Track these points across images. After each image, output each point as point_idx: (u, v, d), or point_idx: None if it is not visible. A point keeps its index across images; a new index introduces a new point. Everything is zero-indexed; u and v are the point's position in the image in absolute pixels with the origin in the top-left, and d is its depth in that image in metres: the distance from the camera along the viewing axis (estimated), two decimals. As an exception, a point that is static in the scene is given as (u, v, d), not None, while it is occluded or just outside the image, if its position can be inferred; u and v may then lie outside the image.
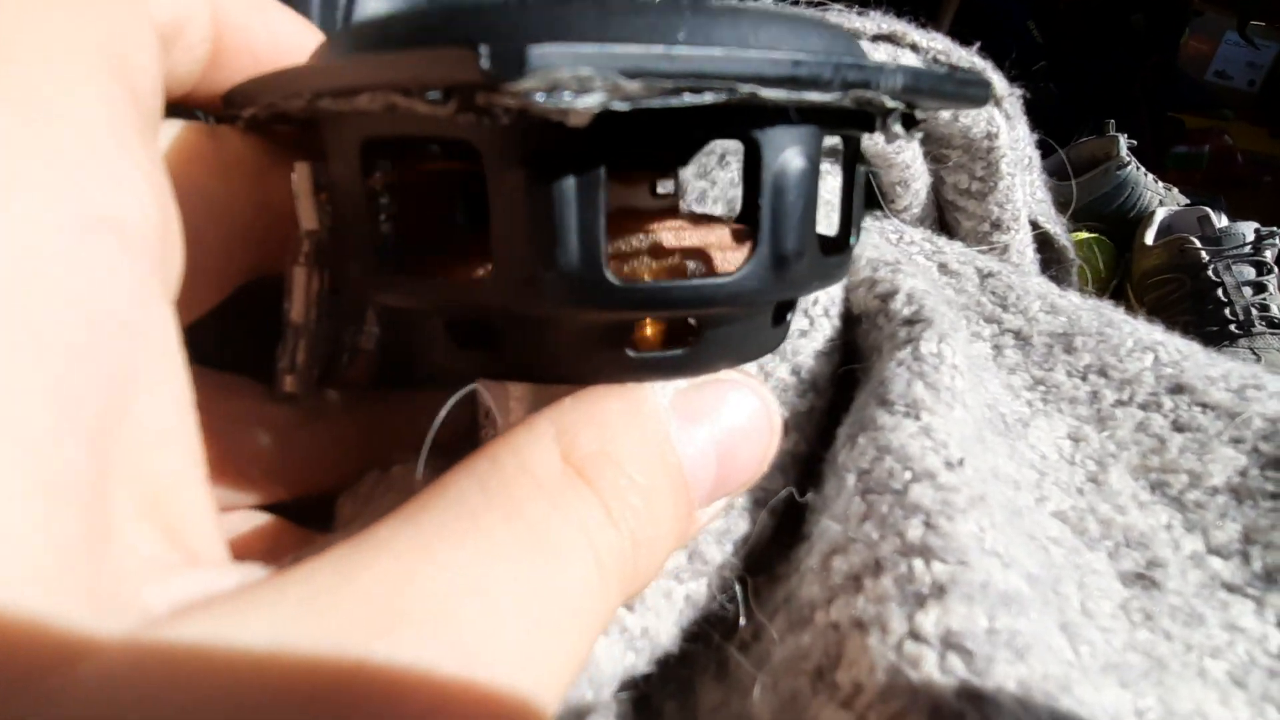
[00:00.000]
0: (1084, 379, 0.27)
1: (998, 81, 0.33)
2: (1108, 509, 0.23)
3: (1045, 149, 1.20)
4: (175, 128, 0.17)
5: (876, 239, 0.32)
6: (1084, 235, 0.98)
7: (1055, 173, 1.16)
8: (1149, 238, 0.97)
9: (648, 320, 0.15)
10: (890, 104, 0.14)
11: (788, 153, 0.14)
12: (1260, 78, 1.39)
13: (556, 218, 0.12)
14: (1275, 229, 0.89)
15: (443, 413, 0.16)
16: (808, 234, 0.14)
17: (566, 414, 0.13)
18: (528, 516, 0.11)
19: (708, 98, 0.11)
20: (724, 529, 0.19)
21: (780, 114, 0.13)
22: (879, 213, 0.35)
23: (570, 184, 0.12)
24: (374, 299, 0.16)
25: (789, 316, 0.17)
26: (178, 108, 0.18)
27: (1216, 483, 0.23)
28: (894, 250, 0.29)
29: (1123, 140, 1.05)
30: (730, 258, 0.15)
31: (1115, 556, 0.21)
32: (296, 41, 0.18)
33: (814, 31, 0.14)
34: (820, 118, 0.14)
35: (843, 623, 0.16)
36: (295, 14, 0.19)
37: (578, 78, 0.10)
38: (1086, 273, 0.98)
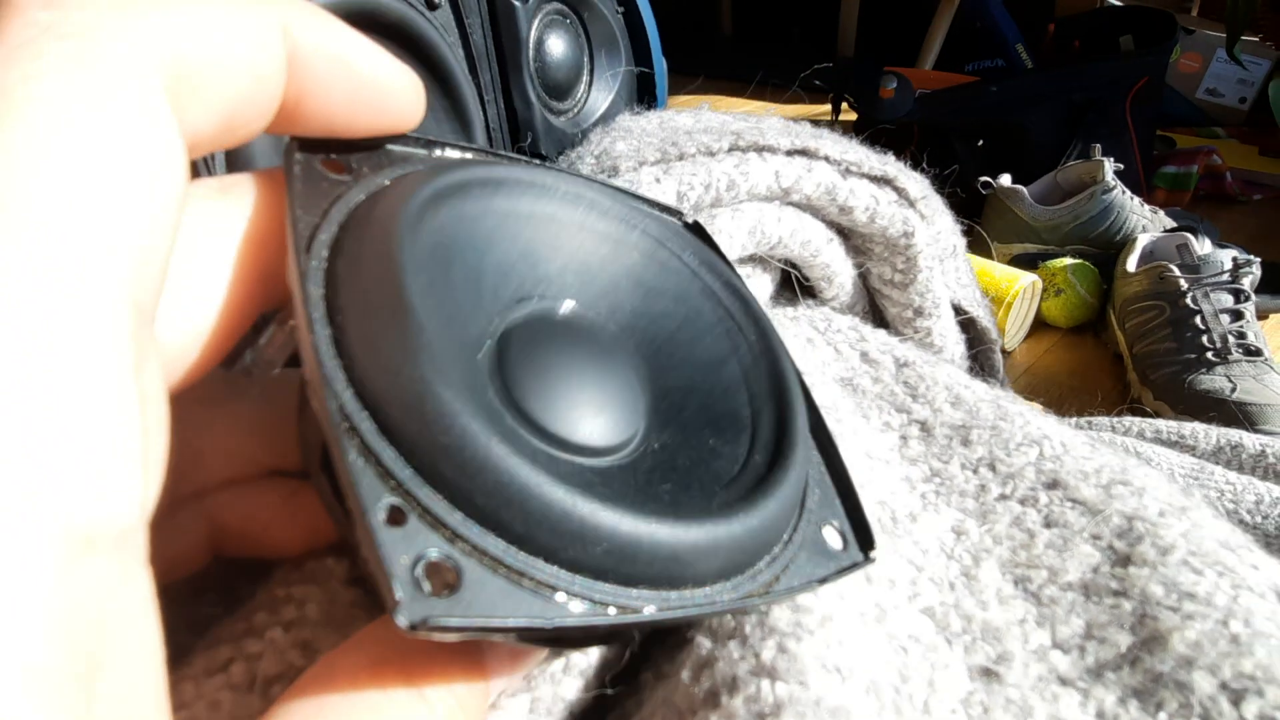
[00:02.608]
0: (975, 471, 0.31)
1: (913, 185, 0.36)
2: (972, 604, 0.26)
3: (1035, 172, 1.21)
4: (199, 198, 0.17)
5: (797, 333, 0.35)
6: (1067, 261, 1.00)
7: (1044, 197, 1.19)
8: (1131, 264, 0.99)
9: None
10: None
11: None
12: (1251, 95, 1.40)
13: None
14: (1253, 257, 0.91)
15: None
16: None
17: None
18: None
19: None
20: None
21: None
22: (810, 302, 0.39)
23: None
24: None
25: None
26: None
27: (1071, 579, 0.26)
28: (806, 352, 0.33)
29: (1108, 164, 1.07)
30: None
31: (970, 650, 0.24)
32: (375, 104, 0.18)
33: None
34: None
35: (699, 734, 0.20)
36: (389, 64, 0.18)
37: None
38: (1071, 299, 1.00)
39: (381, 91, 0.18)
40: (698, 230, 0.25)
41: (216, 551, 0.21)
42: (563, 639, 0.18)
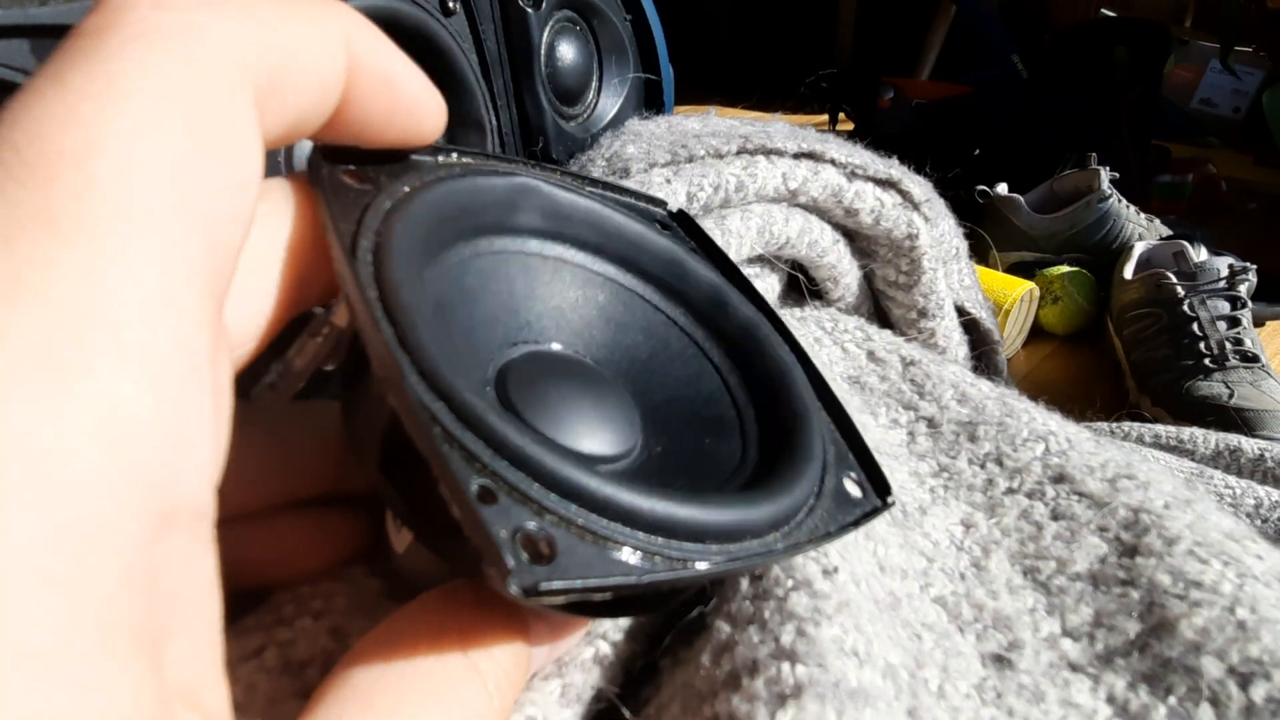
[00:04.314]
0: (982, 466, 0.31)
1: (917, 188, 0.37)
2: (982, 594, 0.26)
3: (1032, 181, 1.22)
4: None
5: (805, 334, 0.36)
6: (1064, 269, 1.01)
7: (1041, 205, 1.20)
8: (1128, 271, 0.99)
9: None
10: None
11: None
12: (1245, 105, 1.42)
13: None
14: (1249, 264, 0.92)
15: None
16: None
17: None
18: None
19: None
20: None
21: None
22: (817, 303, 0.39)
23: None
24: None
25: None
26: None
27: (1079, 569, 0.26)
28: (813, 351, 0.33)
29: (1104, 173, 1.08)
30: None
31: (982, 638, 0.25)
32: (407, 121, 0.19)
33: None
34: None
35: (721, 716, 0.20)
36: (425, 84, 0.19)
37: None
38: (1068, 306, 1.01)
39: (415, 109, 0.18)
40: (682, 219, 0.26)
41: (227, 584, 0.22)
42: (649, 594, 0.20)
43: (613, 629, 0.22)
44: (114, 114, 0.12)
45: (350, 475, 0.23)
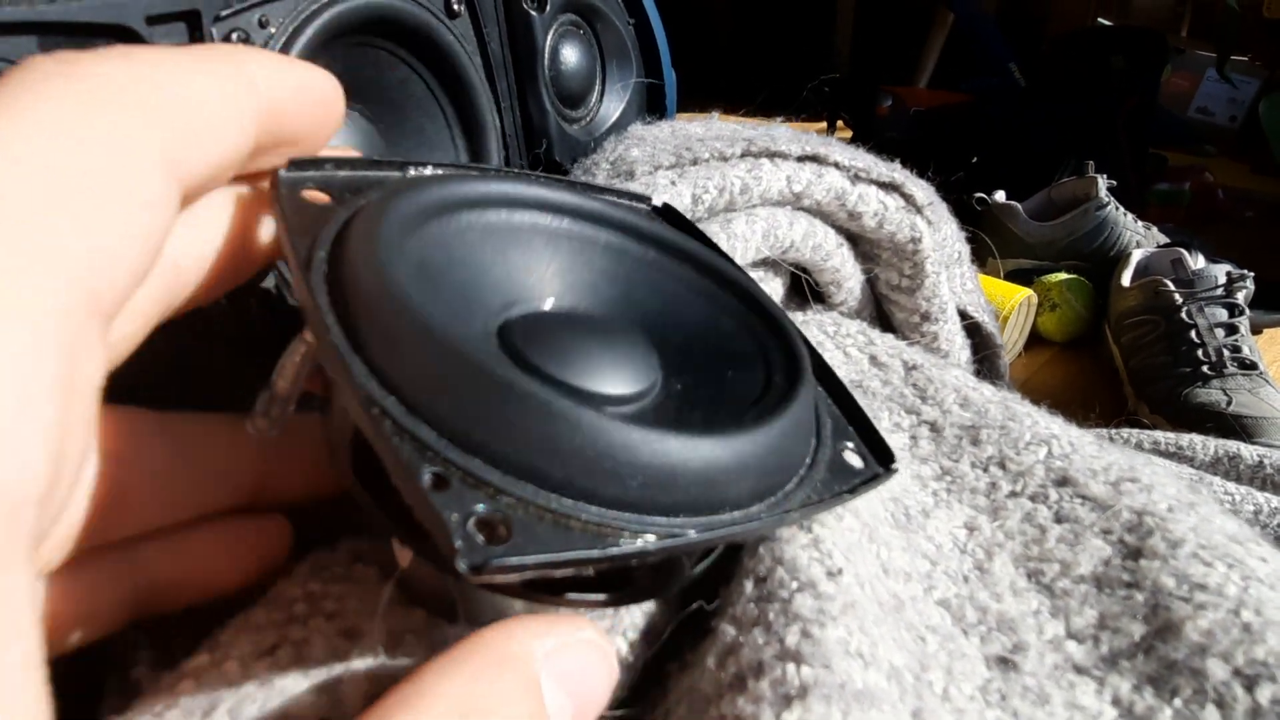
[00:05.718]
0: (985, 470, 0.31)
1: (920, 192, 0.37)
2: (986, 596, 0.26)
3: (1029, 189, 1.22)
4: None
5: (807, 337, 0.36)
6: (1062, 276, 1.01)
7: (1039, 213, 1.20)
8: (1126, 279, 0.99)
9: None
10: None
11: None
12: (1241, 113, 1.43)
13: None
14: (1246, 272, 0.92)
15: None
16: None
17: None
18: None
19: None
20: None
21: None
22: (819, 307, 0.39)
23: None
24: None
25: None
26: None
27: (1083, 572, 0.26)
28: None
29: (1102, 181, 1.08)
30: None
31: (986, 641, 0.25)
32: (318, 108, 0.20)
33: None
34: None
35: (728, 718, 0.20)
36: (316, 72, 0.20)
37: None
38: (1066, 313, 1.01)
39: (319, 95, 0.20)
40: (667, 213, 0.26)
41: (142, 610, 0.21)
42: (617, 576, 0.19)
43: (620, 638, 0.22)
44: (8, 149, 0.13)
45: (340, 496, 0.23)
